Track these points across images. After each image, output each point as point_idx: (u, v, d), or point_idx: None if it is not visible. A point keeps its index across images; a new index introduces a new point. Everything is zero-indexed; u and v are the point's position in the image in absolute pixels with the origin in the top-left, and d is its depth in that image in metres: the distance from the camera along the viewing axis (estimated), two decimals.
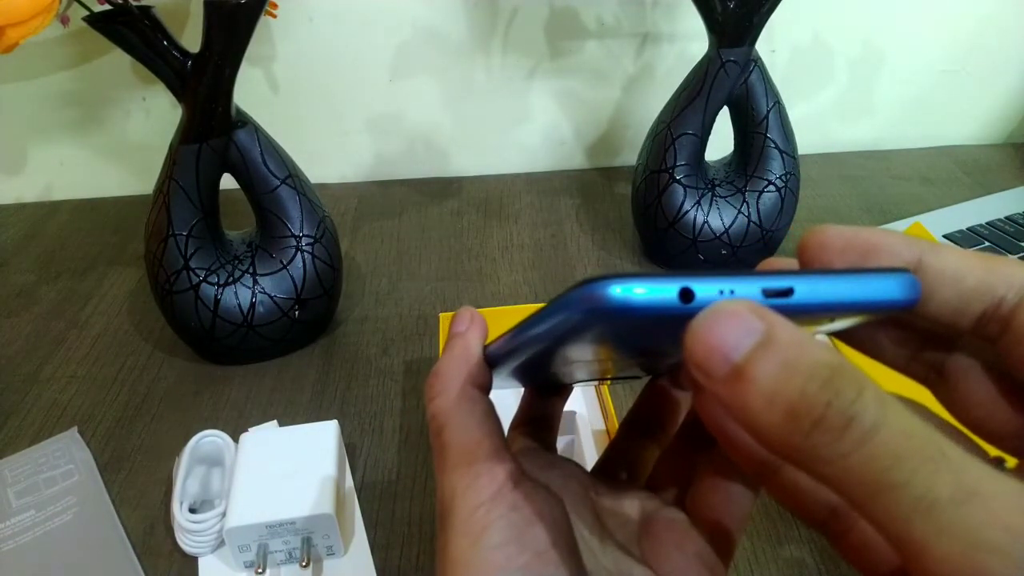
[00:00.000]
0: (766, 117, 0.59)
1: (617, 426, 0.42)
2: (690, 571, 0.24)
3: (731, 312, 0.16)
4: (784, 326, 0.15)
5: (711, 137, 0.61)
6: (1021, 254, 0.61)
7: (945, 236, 0.64)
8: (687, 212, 0.61)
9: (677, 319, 0.16)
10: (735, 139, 0.63)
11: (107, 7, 0.45)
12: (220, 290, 0.52)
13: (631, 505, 0.26)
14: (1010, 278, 0.18)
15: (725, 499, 0.24)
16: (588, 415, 0.46)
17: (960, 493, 0.13)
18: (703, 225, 0.61)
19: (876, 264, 0.19)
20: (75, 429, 0.50)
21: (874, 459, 0.14)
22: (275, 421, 0.50)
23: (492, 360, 0.24)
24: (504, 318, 0.28)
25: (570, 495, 0.24)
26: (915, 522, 0.13)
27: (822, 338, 0.22)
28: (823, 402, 0.14)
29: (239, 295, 0.53)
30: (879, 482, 0.14)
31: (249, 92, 0.70)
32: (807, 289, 0.17)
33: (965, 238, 0.64)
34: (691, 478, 0.25)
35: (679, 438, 0.27)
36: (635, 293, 0.16)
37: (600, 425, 0.46)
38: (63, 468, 0.47)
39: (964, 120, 0.86)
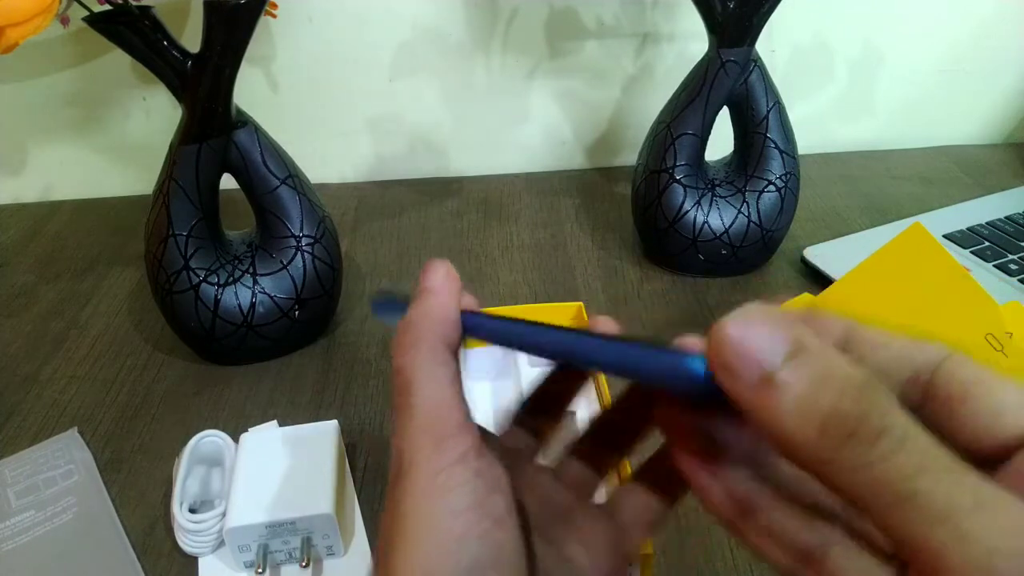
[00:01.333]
0: (766, 117, 0.59)
1: None
2: (598, 559, 0.25)
3: (764, 318, 0.16)
4: (813, 337, 0.16)
5: (711, 137, 0.61)
6: (1021, 254, 0.61)
7: (945, 236, 0.64)
8: (687, 212, 0.61)
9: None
10: (735, 139, 0.63)
11: (107, 7, 0.45)
12: (220, 290, 0.52)
13: (559, 490, 0.27)
14: (924, 347, 0.18)
15: (647, 507, 0.25)
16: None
17: (977, 502, 0.14)
18: (703, 225, 0.61)
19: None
20: (75, 429, 0.50)
21: (900, 469, 0.14)
22: (275, 421, 0.50)
23: (470, 329, 0.24)
24: None
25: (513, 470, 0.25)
26: (935, 529, 0.14)
27: None
28: (856, 415, 0.15)
29: (239, 295, 0.53)
30: (902, 491, 0.14)
31: (249, 92, 0.70)
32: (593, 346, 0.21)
33: (965, 238, 0.64)
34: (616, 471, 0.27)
35: (608, 434, 0.28)
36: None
37: None
38: (63, 468, 0.47)
39: (964, 120, 0.86)
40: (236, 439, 0.44)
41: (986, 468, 0.16)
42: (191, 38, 0.47)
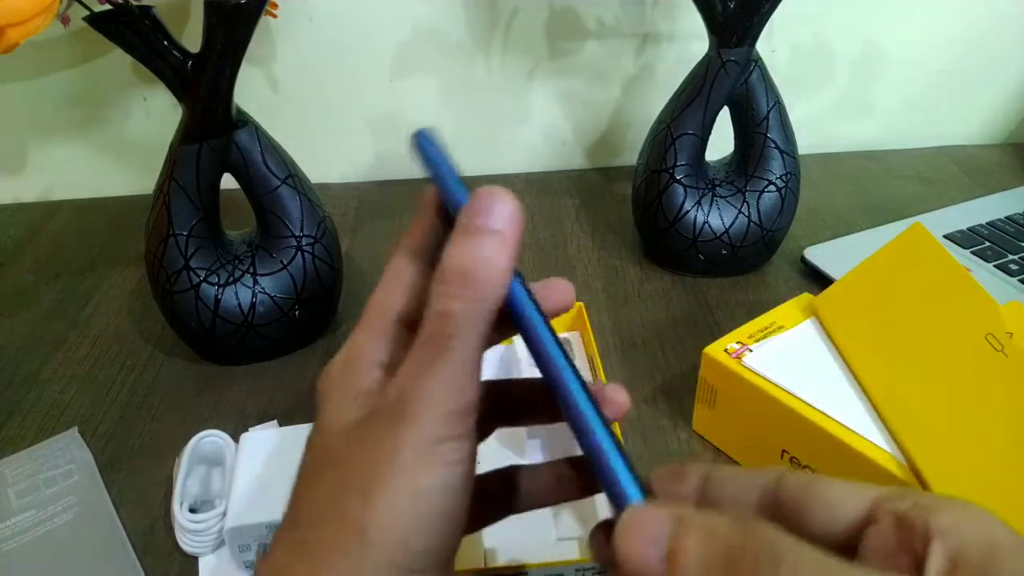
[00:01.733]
0: (766, 117, 0.59)
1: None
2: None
3: (641, 519, 0.19)
4: (690, 510, 0.19)
5: (711, 137, 0.61)
6: (1021, 254, 0.61)
7: (945, 236, 0.64)
8: (687, 212, 0.61)
9: None
10: (735, 139, 0.63)
11: (107, 7, 0.45)
12: (220, 290, 0.52)
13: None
14: (764, 472, 0.21)
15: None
16: None
17: None
18: (703, 225, 0.61)
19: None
20: (75, 429, 0.50)
21: None
22: (275, 421, 0.50)
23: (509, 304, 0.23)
24: None
25: None
26: None
27: None
28: (751, 551, 0.17)
29: (239, 295, 0.53)
30: None
31: (249, 92, 0.70)
32: None
33: (965, 238, 0.64)
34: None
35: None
36: None
37: None
38: (63, 468, 0.47)
39: (964, 120, 0.86)
40: (236, 439, 0.44)
41: (845, 552, 0.19)
42: (192, 38, 0.47)
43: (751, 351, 0.44)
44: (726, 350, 0.45)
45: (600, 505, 0.40)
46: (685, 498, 0.22)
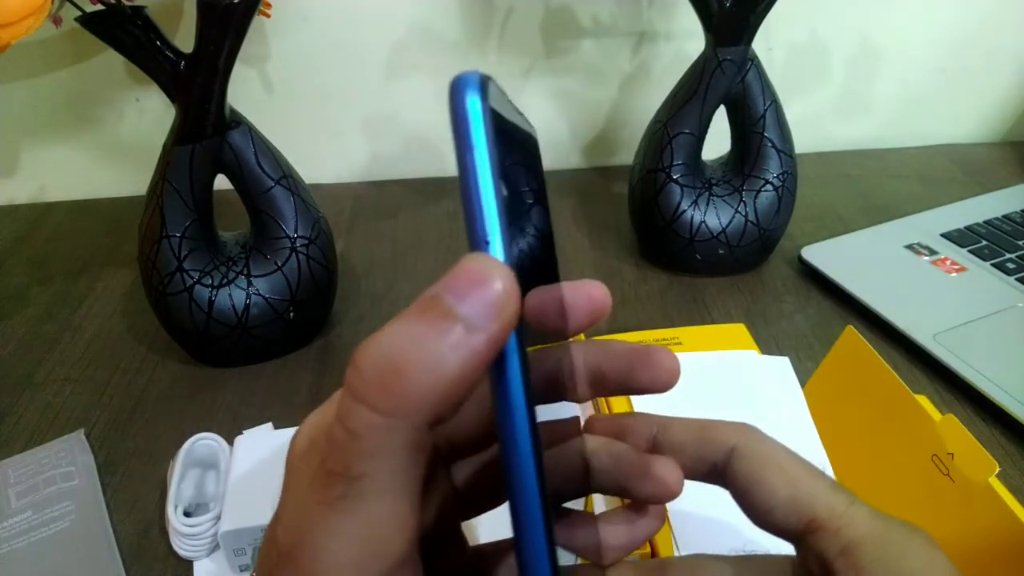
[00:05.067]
0: (763, 116, 0.59)
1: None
2: None
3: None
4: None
5: (708, 136, 0.60)
6: (1019, 253, 0.61)
7: (943, 235, 0.64)
8: (684, 212, 0.60)
9: None
10: (732, 138, 0.63)
11: (100, 7, 0.45)
12: (214, 292, 0.52)
13: None
14: (716, 442, 0.21)
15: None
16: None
17: None
18: (700, 224, 0.61)
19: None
20: (81, 432, 0.50)
21: None
22: (270, 424, 0.49)
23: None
24: None
25: None
26: None
27: None
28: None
29: (233, 297, 0.52)
30: None
31: (243, 92, 0.69)
32: None
33: (963, 237, 0.64)
34: None
35: None
36: None
37: None
38: (63, 470, 0.47)
39: (962, 119, 0.86)
40: (231, 442, 0.44)
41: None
42: (184, 38, 0.47)
43: None
44: None
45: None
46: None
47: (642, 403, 0.41)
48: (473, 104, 0.16)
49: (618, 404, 0.42)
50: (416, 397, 0.15)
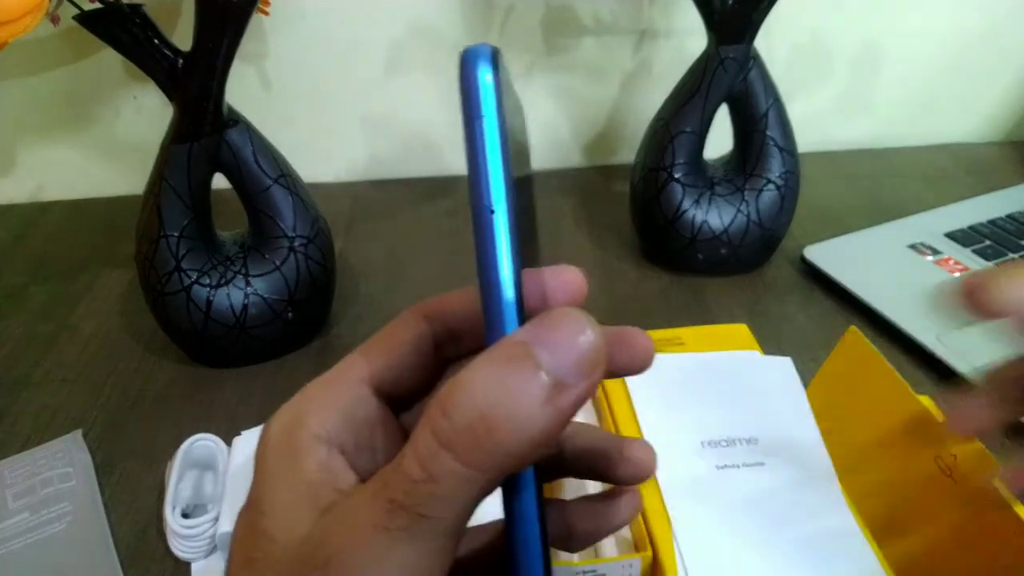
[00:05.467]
0: (765, 115, 0.59)
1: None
2: None
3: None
4: None
5: (710, 135, 0.60)
6: (1022, 253, 0.61)
7: (946, 235, 0.64)
8: (686, 211, 0.60)
9: None
10: (734, 137, 0.62)
11: (97, 6, 0.45)
12: (212, 291, 0.52)
13: None
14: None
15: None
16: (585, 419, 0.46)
17: None
18: (702, 224, 0.60)
19: None
20: (79, 432, 0.50)
21: None
22: None
23: None
24: None
25: None
26: None
27: None
28: None
29: (231, 296, 0.52)
30: None
31: (241, 90, 0.69)
32: None
33: (966, 236, 0.63)
34: None
35: None
36: None
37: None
38: (60, 471, 0.47)
39: (964, 118, 0.86)
40: (229, 442, 0.44)
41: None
42: (182, 36, 0.46)
43: None
44: None
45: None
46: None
47: (642, 401, 0.41)
48: (484, 74, 0.18)
49: (617, 402, 0.41)
50: (503, 453, 0.14)
